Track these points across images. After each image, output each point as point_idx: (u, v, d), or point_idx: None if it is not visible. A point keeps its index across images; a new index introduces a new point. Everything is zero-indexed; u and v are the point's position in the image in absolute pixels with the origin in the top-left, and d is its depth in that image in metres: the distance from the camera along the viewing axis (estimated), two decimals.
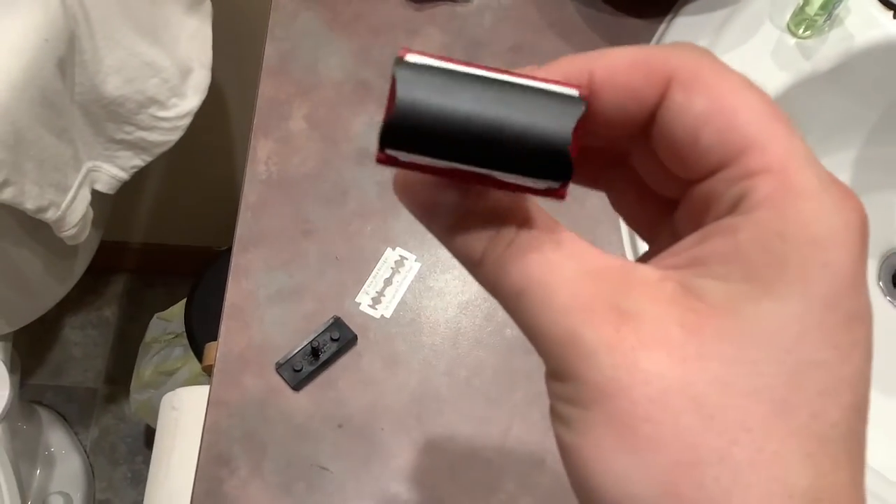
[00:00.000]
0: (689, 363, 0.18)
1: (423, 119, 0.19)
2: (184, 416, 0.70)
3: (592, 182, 0.25)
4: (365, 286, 0.56)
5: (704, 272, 0.19)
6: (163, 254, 1.40)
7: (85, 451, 1.32)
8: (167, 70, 0.81)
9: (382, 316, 0.55)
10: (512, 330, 0.54)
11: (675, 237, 0.21)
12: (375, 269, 0.56)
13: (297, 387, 0.53)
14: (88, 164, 0.85)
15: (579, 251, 0.20)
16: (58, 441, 1.30)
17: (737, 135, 0.19)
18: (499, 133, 0.19)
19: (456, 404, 0.52)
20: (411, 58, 0.19)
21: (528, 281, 0.20)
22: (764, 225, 0.18)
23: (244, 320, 0.55)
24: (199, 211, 1.29)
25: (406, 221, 0.58)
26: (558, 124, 0.19)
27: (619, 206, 0.25)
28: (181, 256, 1.38)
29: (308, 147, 0.60)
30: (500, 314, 0.55)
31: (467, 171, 0.19)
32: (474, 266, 0.21)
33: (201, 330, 1.09)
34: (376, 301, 0.55)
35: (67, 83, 0.76)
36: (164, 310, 1.26)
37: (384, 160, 0.20)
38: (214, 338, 1.10)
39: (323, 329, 0.54)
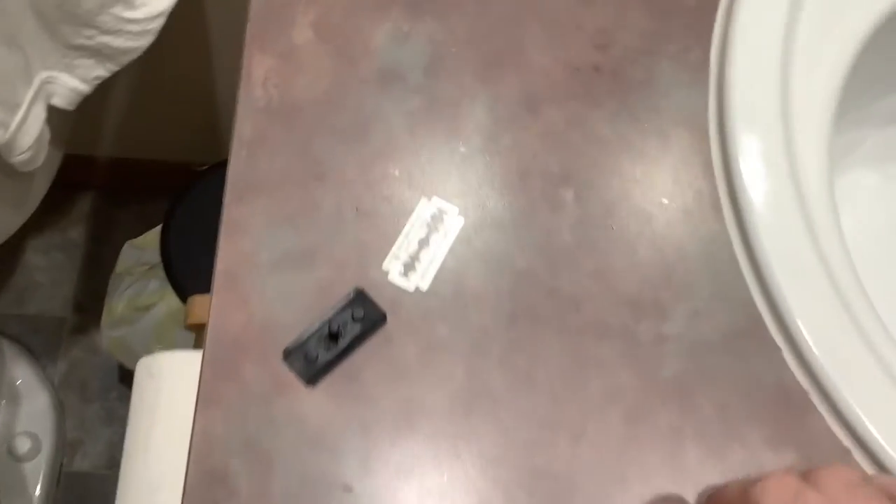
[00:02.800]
0: None
1: None
2: (164, 385, 0.59)
3: None
4: (394, 249, 0.44)
5: None
6: (134, 170, 1.26)
7: (53, 387, 1.21)
8: None
9: (417, 288, 0.43)
10: (585, 305, 0.43)
11: None
12: (407, 227, 0.44)
13: (311, 380, 0.42)
14: (42, 76, 0.70)
15: None
16: (23, 376, 1.19)
17: None
18: None
19: (513, 403, 0.41)
20: None
21: None
22: None
23: (241, 292, 0.43)
24: (174, 123, 1.15)
25: (445, 162, 0.45)
26: None
27: None
28: (154, 173, 1.24)
29: (317, 65, 0.47)
30: (568, 286, 0.43)
31: None
32: None
33: (179, 262, 0.97)
34: (409, 268, 0.43)
35: None
36: (136, 233, 1.13)
37: None
38: (193, 274, 0.98)
39: (343, 305, 0.43)
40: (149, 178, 1.25)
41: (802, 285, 0.42)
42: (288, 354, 0.42)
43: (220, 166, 1.00)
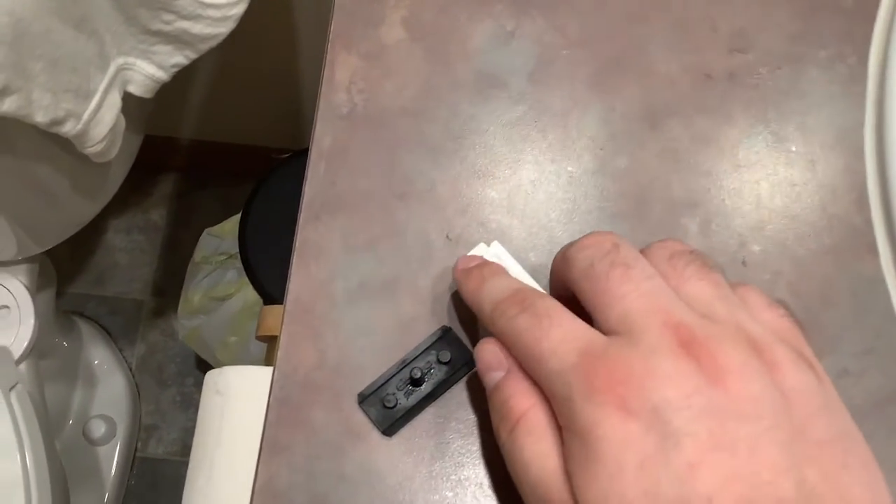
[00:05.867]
0: None
1: None
2: (230, 403, 0.55)
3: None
4: None
5: None
6: (216, 153, 1.23)
7: (130, 370, 1.20)
8: None
9: None
10: None
11: None
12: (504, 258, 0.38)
13: (388, 430, 0.36)
14: (119, 62, 0.67)
15: None
16: (100, 358, 1.18)
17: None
18: None
19: None
20: None
21: None
22: None
23: (313, 326, 0.38)
24: (256, 108, 1.12)
25: (552, 184, 0.39)
26: None
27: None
28: (236, 157, 1.22)
29: (408, 67, 0.41)
30: None
31: None
32: None
33: (257, 254, 0.93)
34: None
35: None
36: (216, 216, 1.11)
37: None
38: (271, 266, 0.94)
39: (427, 346, 0.37)
40: (230, 161, 1.22)
41: None
42: (363, 399, 0.37)
43: (301, 155, 0.96)
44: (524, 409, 0.29)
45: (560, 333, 0.29)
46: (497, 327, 0.32)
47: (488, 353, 0.32)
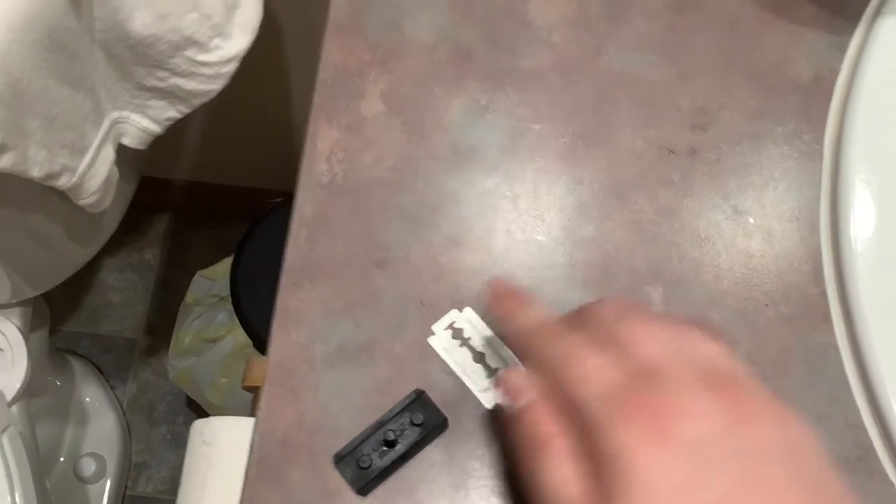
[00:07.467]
0: None
1: None
2: (217, 453, 0.56)
3: None
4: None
5: None
6: (210, 194, 1.25)
7: (121, 409, 1.21)
8: (208, 3, 0.64)
9: (485, 390, 0.39)
10: None
11: None
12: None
13: (362, 490, 0.38)
14: (113, 116, 0.69)
15: None
16: (92, 396, 1.19)
17: None
18: None
19: None
20: None
21: None
22: None
23: (292, 388, 0.40)
24: (250, 151, 1.14)
25: (522, 252, 0.41)
26: None
27: None
28: (230, 198, 1.24)
29: (386, 139, 0.43)
30: None
31: None
32: None
33: (248, 298, 0.95)
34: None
35: (84, 20, 0.60)
36: (210, 256, 1.13)
37: None
38: (262, 309, 0.96)
39: (401, 408, 0.39)
40: (224, 202, 1.24)
41: None
42: (339, 460, 0.38)
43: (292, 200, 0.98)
44: (552, 433, 0.30)
45: (597, 362, 0.30)
46: (533, 350, 0.33)
47: (517, 378, 0.33)
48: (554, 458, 0.30)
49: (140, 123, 0.71)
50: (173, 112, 0.71)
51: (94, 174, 0.67)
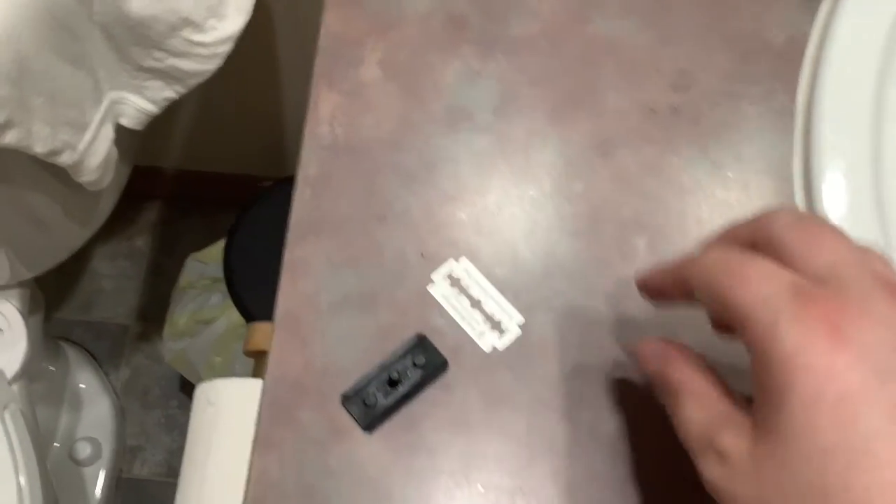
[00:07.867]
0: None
1: None
2: (222, 413, 0.58)
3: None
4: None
5: None
6: (200, 181, 1.27)
7: (115, 393, 1.23)
8: None
9: (481, 335, 0.42)
10: None
11: None
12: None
13: (369, 426, 0.40)
14: (112, 96, 0.71)
15: None
16: (86, 381, 1.21)
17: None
18: None
19: (576, 459, 0.40)
20: None
21: None
22: None
23: (301, 335, 0.42)
24: (240, 138, 1.16)
25: (514, 207, 0.44)
26: None
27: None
28: (220, 185, 1.26)
29: (384, 103, 0.46)
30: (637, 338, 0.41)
31: None
32: None
33: (241, 279, 0.97)
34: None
35: (84, 1, 0.62)
36: (201, 243, 1.15)
37: None
38: (254, 290, 0.98)
39: (403, 351, 0.41)
40: (214, 190, 1.26)
41: None
42: (346, 399, 0.41)
43: (284, 183, 1.00)
44: (683, 379, 0.32)
45: (771, 266, 0.29)
46: (704, 258, 0.32)
47: (654, 345, 0.35)
48: (693, 399, 0.32)
49: (138, 104, 0.73)
50: (170, 92, 0.73)
51: (94, 152, 0.69)
